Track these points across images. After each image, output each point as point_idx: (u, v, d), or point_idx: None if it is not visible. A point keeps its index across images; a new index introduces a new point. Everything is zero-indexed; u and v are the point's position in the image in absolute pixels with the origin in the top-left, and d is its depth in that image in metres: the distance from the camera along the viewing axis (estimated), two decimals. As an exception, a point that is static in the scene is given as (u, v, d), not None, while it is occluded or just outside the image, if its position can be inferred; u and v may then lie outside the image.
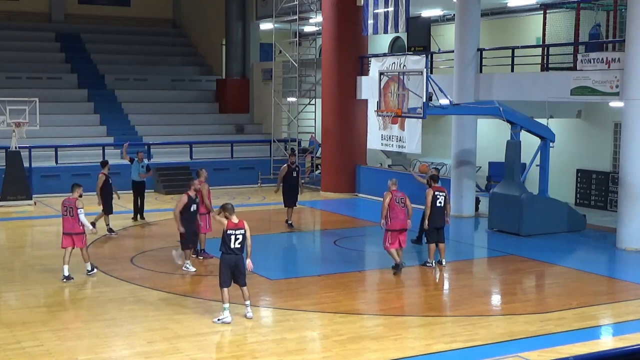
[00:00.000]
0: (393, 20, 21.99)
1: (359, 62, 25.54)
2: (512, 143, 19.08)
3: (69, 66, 32.34)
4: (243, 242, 11.70)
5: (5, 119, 22.50)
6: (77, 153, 26.10)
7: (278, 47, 29.61)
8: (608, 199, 22.15)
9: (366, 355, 10.36)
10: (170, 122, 30.26)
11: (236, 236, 11.65)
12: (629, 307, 12.79)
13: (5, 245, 17.76)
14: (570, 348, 10.52)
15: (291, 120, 29.06)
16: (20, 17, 34.40)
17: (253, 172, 27.75)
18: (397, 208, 14.54)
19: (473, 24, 21.03)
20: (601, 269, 15.91)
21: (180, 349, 10.49)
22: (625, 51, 17.03)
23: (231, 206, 11.83)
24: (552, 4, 22.51)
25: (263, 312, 12.72)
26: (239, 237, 11.65)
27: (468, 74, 20.88)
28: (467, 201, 21.43)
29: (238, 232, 11.66)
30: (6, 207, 22.18)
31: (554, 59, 21.03)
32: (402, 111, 17.82)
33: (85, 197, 14.82)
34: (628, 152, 17.08)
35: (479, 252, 18.04)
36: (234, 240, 11.64)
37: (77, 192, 14.20)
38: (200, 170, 16.30)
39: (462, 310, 12.56)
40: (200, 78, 34.34)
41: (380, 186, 24.12)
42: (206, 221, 15.83)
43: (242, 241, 11.68)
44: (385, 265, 14.90)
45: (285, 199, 19.47)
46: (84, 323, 11.57)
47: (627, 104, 17.00)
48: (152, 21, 37.32)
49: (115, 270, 14.92)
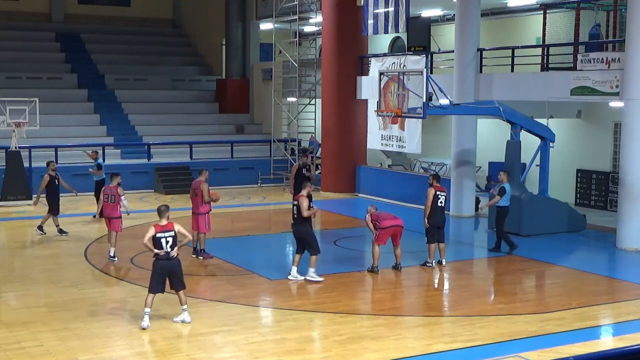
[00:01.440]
0: (393, 20, 21.99)
1: (359, 62, 25.53)
2: (512, 143, 19.08)
3: (69, 66, 32.34)
4: (175, 243, 11.38)
5: (5, 119, 22.49)
6: (77, 153, 26.06)
7: (278, 47, 29.61)
8: (608, 199, 22.15)
9: (366, 355, 10.36)
10: (170, 122, 30.25)
11: (166, 239, 11.32)
12: (629, 307, 12.79)
13: (5, 245, 17.75)
14: (570, 348, 10.52)
15: (291, 120, 29.06)
16: (20, 17, 34.41)
17: (253, 172, 27.75)
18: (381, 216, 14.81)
19: (473, 24, 21.03)
20: (601, 269, 15.90)
21: (180, 349, 10.49)
22: (625, 51, 17.03)
23: (164, 208, 11.57)
24: (552, 4, 22.51)
25: (263, 312, 12.73)
26: (169, 240, 11.31)
27: (468, 74, 20.88)
28: (467, 201, 21.42)
29: (167, 234, 11.33)
30: (6, 207, 22.17)
31: (554, 59, 21.03)
32: (402, 111, 17.83)
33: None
34: (628, 152, 17.08)
35: (479, 252, 18.04)
36: (164, 244, 11.31)
37: (116, 180, 16.04)
38: (202, 170, 16.31)
39: (462, 310, 12.56)
40: (200, 78, 34.35)
41: (380, 186, 24.25)
42: (206, 221, 15.83)
43: (173, 243, 11.35)
44: (386, 265, 14.90)
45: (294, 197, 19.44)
46: (84, 323, 11.56)
47: (627, 104, 17.00)
48: (152, 21, 37.33)
49: (115, 270, 14.92)
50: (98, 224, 19.38)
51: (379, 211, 15.06)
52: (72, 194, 19.64)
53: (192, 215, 16.01)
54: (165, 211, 11.53)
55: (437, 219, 15.29)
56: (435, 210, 15.25)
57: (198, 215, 15.81)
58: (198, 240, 15.90)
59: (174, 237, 11.37)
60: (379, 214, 14.79)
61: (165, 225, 11.41)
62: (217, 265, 15.55)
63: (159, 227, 11.38)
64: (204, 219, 15.77)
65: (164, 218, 11.46)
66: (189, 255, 15.96)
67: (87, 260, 15.85)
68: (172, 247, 11.35)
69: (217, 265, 15.55)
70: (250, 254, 16.80)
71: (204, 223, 15.78)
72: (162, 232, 11.33)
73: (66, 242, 18.21)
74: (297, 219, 14.17)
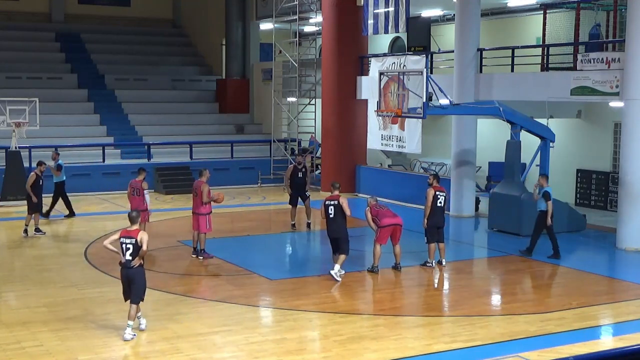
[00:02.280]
0: (393, 20, 21.99)
1: (359, 62, 25.53)
2: (512, 143, 19.08)
3: (69, 66, 32.34)
4: (135, 252, 10.87)
5: (5, 119, 22.47)
6: (77, 153, 26.09)
7: (278, 47, 29.61)
8: (608, 199, 22.15)
9: (366, 355, 10.36)
10: (170, 122, 30.25)
11: (126, 245, 10.89)
12: (629, 307, 12.79)
13: (5, 245, 17.75)
14: (570, 348, 10.53)
15: (291, 120, 29.06)
16: (20, 17, 34.40)
17: (253, 172, 27.74)
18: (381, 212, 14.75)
19: (473, 24, 21.02)
20: (601, 269, 15.90)
21: (180, 349, 10.49)
22: (625, 51, 17.03)
23: (134, 214, 11.22)
24: (552, 4, 22.51)
25: (263, 312, 12.74)
26: (130, 247, 10.86)
27: (468, 74, 20.88)
28: (467, 201, 21.42)
29: (128, 240, 10.88)
30: (6, 207, 22.17)
31: (554, 59, 21.03)
32: (402, 111, 17.82)
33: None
34: (628, 152, 17.08)
35: (479, 252, 18.04)
36: (124, 250, 10.90)
37: (142, 175, 16.95)
38: (203, 170, 16.32)
39: (462, 310, 12.56)
40: (200, 78, 34.34)
41: (380, 186, 24.22)
42: (206, 221, 15.84)
43: (133, 251, 10.86)
44: (386, 265, 14.90)
45: (291, 197, 19.45)
46: (83, 323, 11.57)
47: (627, 104, 17.01)
48: (152, 21, 37.32)
49: (115, 270, 14.81)
50: (100, 223, 19.35)
51: (380, 205, 14.97)
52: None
53: (193, 215, 16.04)
54: (136, 217, 11.20)
55: (437, 219, 15.28)
56: (435, 211, 15.25)
57: (198, 215, 15.81)
58: (198, 240, 15.91)
59: (135, 244, 10.86)
60: (379, 210, 14.71)
61: (131, 231, 11.00)
62: (217, 265, 15.55)
63: (125, 232, 11.03)
64: (205, 219, 15.78)
65: (134, 224, 11.08)
66: (189, 255, 15.99)
67: (87, 260, 15.84)
68: (132, 256, 10.87)
69: (217, 265, 15.55)
70: (250, 254, 16.81)
71: (205, 223, 15.78)
72: (125, 237, 10.94)
73: (66, 242, 18.23)
74: (334, 219, 14.21)
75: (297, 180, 19.27)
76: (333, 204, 14.20)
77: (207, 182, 16.01)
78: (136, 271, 10.94)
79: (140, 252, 10.87)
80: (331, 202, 14.27)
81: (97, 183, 25.31)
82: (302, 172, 19.30)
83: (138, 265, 10.94)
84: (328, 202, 14.30)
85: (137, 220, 11.22)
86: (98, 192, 25.05)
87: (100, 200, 24.11)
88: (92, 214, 21.70)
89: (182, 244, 17.15)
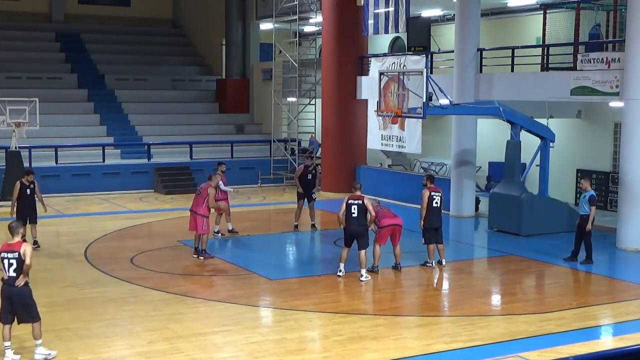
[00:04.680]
0: (393, 20, 21.99)
1: (359, 62, 25.53)
2: (512, 143, 19.08)
3: (69, 66, 32.34)
4: (20, 267, 9.78)
5: (5, 119, 22.47)
6: (77, 153, 26.09)
7: (278, 47, 29.60)
8: (608, 199, 22.12)
9: (366, 355, 10.36)
10: (170, 122, 30.25)
11: (9, 260, 9.76)
12: (629, 307, 12.79)
13: (5, 245, 17.69)
14: (570, 348, 10.52)
15: (291, 120, 29.06)
16: (20, 17, 34.41)
17: (253, 172, 27.74)
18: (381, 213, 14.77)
19: (473, 24, 21.02)
20: (601, 269, 15.88)
21: (180, 349, 10.48)
22: (625, 51, 17.03)
23: (15, 225, 10.07)
24: (552, 4, 22.51)
25: (263, 312, 12.74)
26: (12, 263, 9.75)
27: (468, 74, 20.88)
28: (467, 201, 21.42)
29: (10, 255, 9.77)
30: (6, 207, 22.13)
31: (554, 59, 21.03)
32: (402, 111, 17.82)
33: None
34: (628, 152, 17.08)
35: (479, 252, 18.05)
36: (7, 266, 9.77)
37: (216, 179, 16.66)
38: (212, 175, 16.40)
39: (462, 310, 12.56)
40: (200, 78, 34.34)
41: (380, 186, 24.22)
42: (203, 223, 15.76)
43: (17, 267, 9.76)
44: (386, 265, 14.90)
45: (299, 195, 19.43)
46: (84, 323, 11.56)
47: (627, 104, 17.00)
48: (152, 21, 37.32)
49: (115, 270, 14.91)
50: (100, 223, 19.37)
51: (380, 206, 15.00)
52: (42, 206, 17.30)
53: (191, 213, 15.94)
54: (17, 228, 10.01)
55: (434, 220, 15.26)
56: (432, 211, 15.22)
57: (197, 215, 15.75)
58: (200, 240, 15.88)
59: (18, 259, 9.77)
60: (379, 211, 14.74)
61: (12, 244, 9.89)
62: (217, 265, 15.55)
63: (6, 245, 9.90)
64: (202, 221, 15.72)
65: (16, 236, 9.96)
66: (189, 255, 15.98)
67: (87, 260, 15.84)
68: (16, 272, 9.77)
69: (217, 265, 15.55)
70: (250, 254, 16.81)
71: (202, 224, 15.73)
72: (6, 252, 9.82)
73: (66, 242, 18.22)
74: (356, 218, 14.21)
75: (306, 182, 19.28)
76: (357, 204, 14.25)
77: (216, 187, 16.06)
78: (22, 290, 9.85)
79: (24, 267, 9.79)
80: (355, 201, 14.30)
81: (97, 183, 25.32)
82: (311, 173, 19.32)
83: (24, 284, 9.87)
84: (351, 202, 14.31)
85: (19, 231, 10.03)
86: (98, 192, 25.06)
87: (100, 200, 24.11)
88: (92, 214, 21.69)
89: (182, 244, 17.14)
